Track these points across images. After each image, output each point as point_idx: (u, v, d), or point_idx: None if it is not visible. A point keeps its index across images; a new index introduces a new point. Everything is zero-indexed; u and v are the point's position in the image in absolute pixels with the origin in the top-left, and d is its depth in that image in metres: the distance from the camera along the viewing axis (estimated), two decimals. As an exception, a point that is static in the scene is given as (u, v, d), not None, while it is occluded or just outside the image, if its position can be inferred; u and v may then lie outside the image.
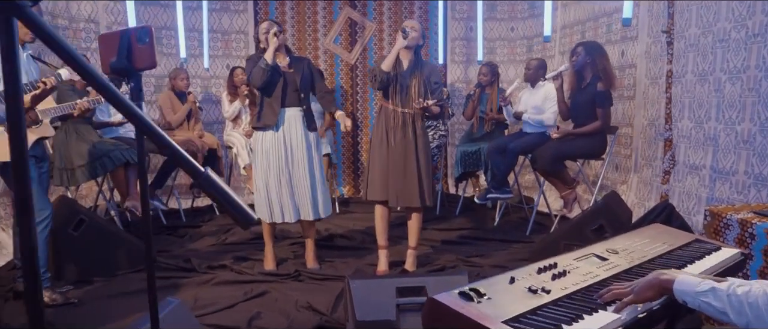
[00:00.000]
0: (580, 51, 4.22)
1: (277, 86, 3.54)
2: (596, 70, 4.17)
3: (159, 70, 5.72)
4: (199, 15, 5.98)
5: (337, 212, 5.56)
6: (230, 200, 0.98)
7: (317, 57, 6.29)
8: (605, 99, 4.12)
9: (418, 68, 3.52)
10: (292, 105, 3.58)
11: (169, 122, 5.17)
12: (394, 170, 3.50)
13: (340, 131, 6.37)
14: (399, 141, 3.50)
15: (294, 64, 3.62)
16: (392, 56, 3.45)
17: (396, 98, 3.51)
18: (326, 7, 6.26)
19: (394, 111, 3.52)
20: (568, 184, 4.36)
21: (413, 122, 3.53)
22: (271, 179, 3.54)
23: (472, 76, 6.48)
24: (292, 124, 3.57)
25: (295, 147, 3.57)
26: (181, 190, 5.68)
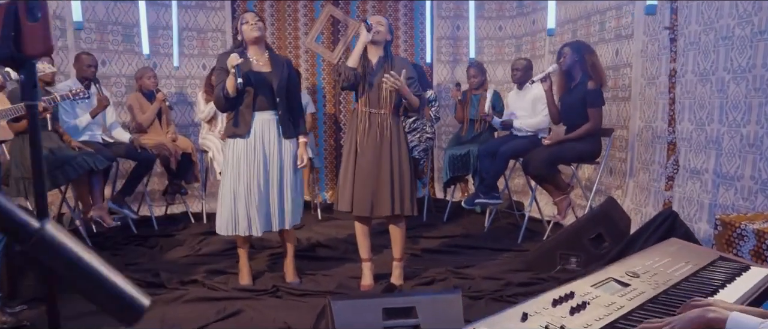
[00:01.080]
0: (566, 51, 4.05)
1: (248, 91, 3.25)
2: (585, 68, 3.99)
3: (130, 69, 5.43)
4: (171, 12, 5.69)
5: (319, 218, 5.31)
6: (100, 281, 0.60)
7: (298, 57, 6.03)
8: (596, 97, 3.93)
9: (388, 65, 3.27)
10: (264, 109, 3.29)
11: (139, 122, 4.88)
12: (365, 178, 3.23)
13: (322, 133, 6.12)
14: (370, 146, 3.23)
15: (273, 65, 3.33)
16: (357, 51, 3.19)
17: (365, 98, 3.26)
18: (307, 5, 6.01)
19: (363, 113, 3.26)
20: (562, 189, 4.15)
21: (386, 123, 3.26)
22: (241, 188, 3.26)
23: (459, 76, 6.26)
24: (265, 129, 3.29)
25: (268, 154, 3.29)
26: (154, 196, 5.38)
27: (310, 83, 6.05)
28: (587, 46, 4.06)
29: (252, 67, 3.28)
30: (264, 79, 3.28)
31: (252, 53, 3.31)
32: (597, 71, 3.93)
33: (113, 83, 5.41)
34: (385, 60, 3.27)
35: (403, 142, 3.31)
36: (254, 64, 3.30)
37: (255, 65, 3.30)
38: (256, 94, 3.26)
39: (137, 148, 4.42)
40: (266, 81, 3.28)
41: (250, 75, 3.24)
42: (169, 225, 4.97)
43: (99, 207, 3.85)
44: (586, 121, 3.98)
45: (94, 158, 3.81)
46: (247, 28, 3.26)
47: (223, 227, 3.31)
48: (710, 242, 3.31)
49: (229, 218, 3.29)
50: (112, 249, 4.17)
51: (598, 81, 3.93)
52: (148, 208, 4.98)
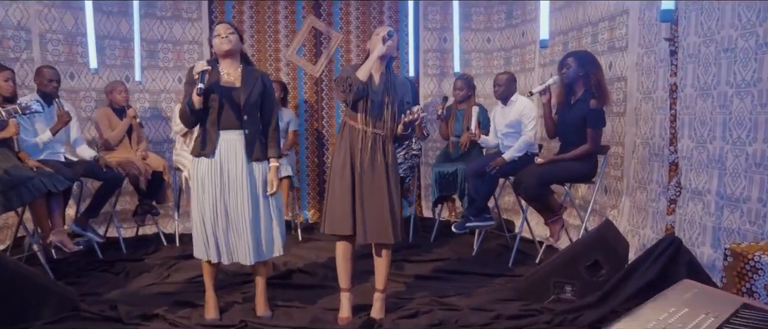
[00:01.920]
0: (570, 62, 3.79)
1: (212, 107, 2.98)
2: (589, 85, 3.74)
3: (100, 83, 5.15)
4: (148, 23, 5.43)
5: (299, 240, 5.03)
6: None
7: (279, 69, 5.78)
8: (598, 119, 3.69)
9: (391, 83, 3.04)
10: (229, 127, 3.01)
11: (107, 139, 4.60)
12: (363, 199, 3.00)
13: (304, 149, 5.87)
14: (367, 166, 2.99)
15: (244, 80, 3.05)
16: (369, 64, 2.94)
17: (366, 115, 3.02)
18: (288, 16, 5.77)
19: (363, 131, 3.02)
20: (555, 211, 3.91)
21: (384, 144, 3.04)
22: (207, 211, 3.00)
23: (446, 90, 6.03)
24: (230, 150, 3.01)
25: (233, 178, 3.01)
26: (123, 217, 5.09)
27: (291, 97, 5.80)
28: (593, 60, 3.79)
29: (220, 80, 3.02)
30: (230, 95, 3.01)
31: (224, 67, 3.04)
32: (601, 90, 3.68)
33: (82, 98, 5.13)
34: (388, 79, 3.04)
35: (396, 167, 3.09)
36: (224, 78, 3.04)
37: (224, 79, 3.04)
38: (221, 110, 2.99)
39: (102, 166, 4.14)
40: (233, 96, 3.01)
41: (216, 88, 2.97)
42: (138, 248, 4.67)
43: (59, 231, 3.56)
44: (582, 140, 3.75)
45: (53, 179, 3.52)
46: (217, 42, 2.99)
47: (197, 250, 3.08)
48: (716, 269, 3.08)
49: (201, 241, 3.04)
50: (74, 276, 3.88)
51: (602, 100, 3.68)
52: (117, 229, 4.68)
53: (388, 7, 5.90)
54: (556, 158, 3.77)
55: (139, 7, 5.35)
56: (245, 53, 3.16)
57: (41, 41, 4.84)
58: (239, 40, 3.05)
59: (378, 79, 3.05)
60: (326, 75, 5.85)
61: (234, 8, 5.67)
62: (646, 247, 3.80)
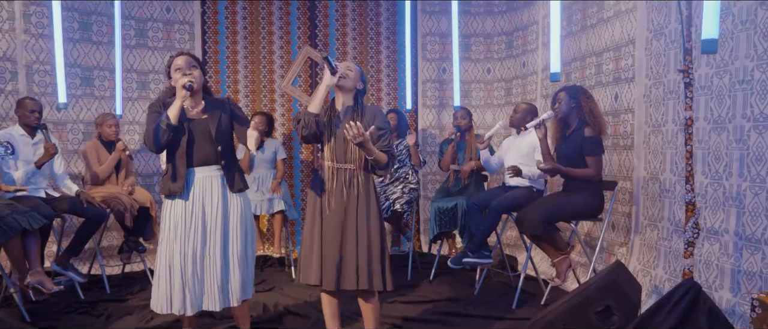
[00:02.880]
0: (562, 97, 3.68)
1: (181, 140, 2.79)
2: (582, 114, 3.61)
3: (89, 115, 4.98)
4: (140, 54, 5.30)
5: (292, 277, 4.81)
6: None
7: (273, 101, 5.63)
8: (595, 145, 3.54)
9: (357, 113, 2.85)
10: (204, 163, 2.83)
11: (95, 173, 4.41)
12: (330, 245, 2.80)
13: (299, 182, 5.68)
14: (337, 205, 2.80)
15: (209, 110, 2.87)
16: (319, 95, 2.76)
17: (330, 150, 2.84)
18: (284, 47, 5.64)
19: (328, 168, 2.84)
20: (561, 249, 3.70)
21: (355, 181, 2.83)
22: (176, 258, 2.78)
23: (445, 122, 5.88)
24: (205, 188, 2.83)
25: (208, 219, 2.82)
26: (109, 253, 4.87)
27: (286, 129, 5.63)
28: (584, 90, 3.70)
29: (186, 114, 2.82)
30: (199, 127, 2.83)
31: (187, 101, 2.83)
32: (595, 118, 3.56)
33: (69, 130, 4.96)
34: (354, 109, 2.87)
35: (374, 203, 2.87)
36: (189, 112, 2.84)
37: (190, 114, 2.84)
38: (191, 145, 2.82)
39: (83, 202, 3.94)
40: (203, 129, 2.83)
41: (182, 122, 2.78)
42: (123, 287, 4.44)
43: (36, 272, 3.34)
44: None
45: (29, 217, 3.32)
46: (177, 76, 2.80)
47: (156, 303, 2.83)
48: (736, 315, 2.87)
49: (164, 293, 2.80)
50: (52, 319, 3.65)
51: (596, 128, 3.56)
52: (101, 267, 4.46)
53: (385, 37, 5.77)
54: (560, 167, 3.59)
55: (129, 38, 5.23)
56: (207, 86, 2.99)
57: (27, 72, 4.69)
58: (201, 73, 2.87)
59: (343, 110, 2.88)
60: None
61: (227, 38, 5.54)
62: (658, 289, 3.59)
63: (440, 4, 5.86)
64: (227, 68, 5.54)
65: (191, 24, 5.48)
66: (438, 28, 5.87)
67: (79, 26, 4.99)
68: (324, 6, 5.65)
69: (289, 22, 5.62)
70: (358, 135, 2.64)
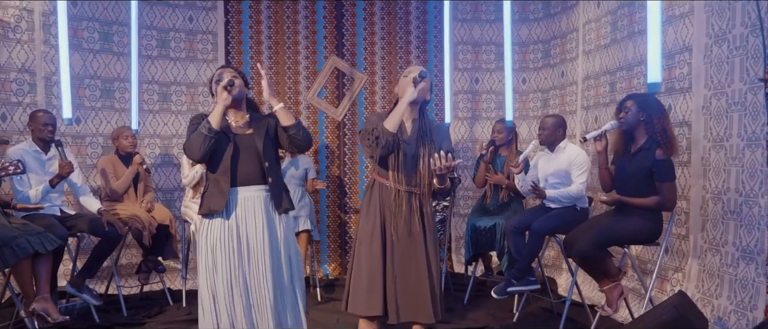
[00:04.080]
0: (630, 106, 3.30)
1: (225, 154, 2.59)
2: (652, 131, 3.23)
3: (108, 128, 4.81)
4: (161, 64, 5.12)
5: (318, 300, 4.55)
6: None
7: (299, 113, 5.40)
8: (669, 170, 3.17)
9: (426, 131, 2.60)
10: (249, 182, 2.61)
11: (114, 189, 4.21)
12: (397, 273, 2.55)
13: (324, 198, 5.43)
14: (403, 232, 2.55)
15: (254, 124, 2.69)
16: (399, 112, 2.53)
17: (398, 171, 2.58)
18: (309, 57, 5.41)
19: (395, 191, 2.58)
20: (613, 275, 3.38)
21: (421, 205, 2.59)
22: (220, 285, 2.54)
23: (478, 135, 5.60)
24: (248, 208, 2.60)
25: (253, 242, 2.59)
26: (127, 271, 4.67)
27: (312, 142, 5.38)
28: (658, 104, 3.31)
29: (230, 128, 2.64)
30: (245, 142, 2.62)
31: (230, 115, 2.68)
32: (669, 140, 3.17)
33: (89, 144, 4.79)
34: (421, 125, 2.60)
35: (435, 231, 2.65)
36: (233, 125, 2.66)
37: (234, 127, 2.66)
38: (235, 162, 2.59)
39: (105, 223, 3.73)
40: (249, 145, 2.62)
41: (226, 135, 2.59)
42: (141, 309, 4.22)
43: (43, 298, 3.12)
44: (645, 193, 3.23)
45: (42, 238, 3.11)
46: (221, 89, 2.59)
47: None
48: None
49: (210, 324, 2.56)
50: (64, 346, 3.45)
51: (669, 150, 3.19)
52: (117, 287, 4.24)
53: (415, 46, 5.52)
54: (624, 199, 3.25)
55: (151, 48, 5.06)
56: (252, 100, 2.82)
57: (46, 84, 4.53)
58: (245, 86, 2.69)
59: (410, 127, 2.63)
60: (349, 119, 5.45)
61: (251, 48, 5.34)
62: (722, 321, 3.25)
63: (472, 12, 5.59)
64: (251, 79, 5.31)
65: (214, 34, 5.29)
66: (470, 37, 5.61)
67: (100, 37, 4.83)
68: (351, 15, 5.43)
69: (314, 32, 5.40)
70: (444, 168, 2.40)
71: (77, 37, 4.69)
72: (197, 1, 5.22)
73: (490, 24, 5.60)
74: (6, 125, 4.28)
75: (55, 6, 4.49)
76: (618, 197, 3.27)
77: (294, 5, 5.35)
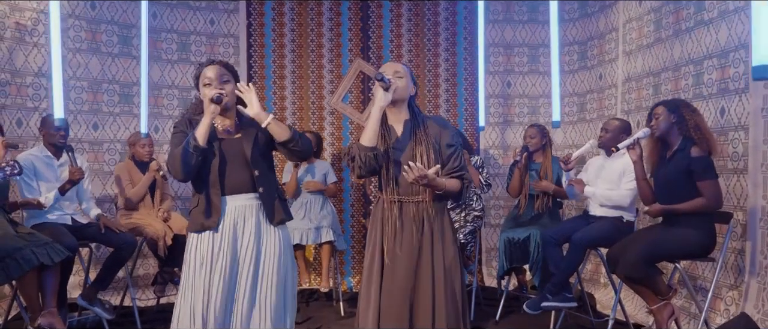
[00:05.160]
0: (660, 111, 3.07)
1: (212, 165, 2.34)
2: (686, 130, 2.99)
3: (126, 134, 4.66)
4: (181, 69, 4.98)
5: (342, 314, 4.32)
6: None
7: (322, 119, 5.19)
8: (707, 167, 2.90)
9: (419, 130, 2.34)
10: (239, 190, 2.38)
11: (129, 198, 4.05)
12: (397, 293, 2.32)
13: (348, 207, 5.20)
14: (404, 251, 2.31)
15: (243, 128, 2.43)
16: (373, 122, 2.27)
17: (392, 183, 2.34)
18: (334, 60, 5.21)
19: (391, 203, 2.34)
20: (662, 294, 3.07)
21: (426, 215, 2.33)
22: (198, 305, 2.30)
23: (510, 141, 5.32)
24: (238, 219, 2.37)
25: (241, 255, 2.36)
26: (143, 283, 4.50)
27: (336, 149, 5.18)
28: (686, 103, 3.11)
29: (216, 133, 2.38)
30: (232, 148, 2.37)
31: (219, 120, 2.42)
32: (703, 134, 2.94)
33: (106, 150, 4.65)
34: (413, 125, 2.36)
35: (450, 238, 2.39)
36: (219, 132, 2.40)
37: (220, 134, 2.40)
38: (223, 169, 2.35)
39: (101, 227, 3.56)
40: (236, 151, 2.37)
41: (211, 143, 2.33)
42: (157, 322, 4.04)
43: (49, 312, 2.95)
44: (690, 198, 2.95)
45: (49, 249, 2.94)
46: (206, 91, 2.35)
47: None
48: None
49: None
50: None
51: (706, 147, 2.93)
52: (132, 300, 4.07)
53: (444, 49, 5.27)
54: (666, 207, 2.96)
55: (171, 52, 4.93)
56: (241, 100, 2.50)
57: (63, 89, 4.40)
58: (235, 87, 2.40)
59: (401, 130, 2.38)
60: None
61: (274, 52, 5.16)
62: (788, 346, 2.92)
63: (504, 12, 5.34)
64: (274, 84, 5.15)
65: (236, 37, 5.13)
66: (502, 39, 5.35)
67: (119, 40, 4.70)
68: (377, 16, 5.21)
69: (339, 34, 5.20)
70: (421, 178, 2.16)
71: (96, 40, 4.58)
72: (219, 3, 5.07)
73: (523, 25, 5.35)
74: (21, 131, 4.16)
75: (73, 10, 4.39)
76: (660, 207, 3.00)
77: (318, 6, 5.16)
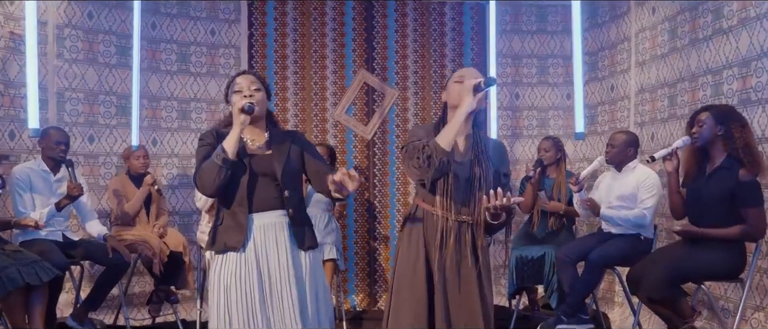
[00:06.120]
0: (705, 119, 2.85)
1: (241, 182, 2.21)
2: (733, 148, 2.78)
3: (123, 147, 4.51)
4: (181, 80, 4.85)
5: (345, 334, 4.15)
6: None
7: (325, 132, 5.04)
8: (755, 192, 2.70)
9: (482, 150, 2.20)
10: (267, 208, 2.24)
11: (123, 212, 3.90)
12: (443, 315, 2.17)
13: (352, 222, 5.03)
14: (451, 268, 2.16)
15: (274, 144, 2.31)
16: (455, 126, 2.12)
17: (448, 197, 2.19)
18: (337, 71, 5.07)
19: (444, 219, 2.18)
20: (686, 317, 2.90)
21: (474, 237, 2.19)
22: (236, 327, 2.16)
23: (519, 155, 5.17)
24: (269, 237, 2.22)
25: (275, 275, 2.20)
26: (138, 301, 4.33)
27: (339, 163, 5.02)
28: (737, 115, 2.87)
29: (246, 149, 2.26)
30: (262, 165, 2.24)
31: (247, 132, 2.28)
32: (753, 156, 2.73)
33: (102, 163, 4.50)
34: (474, 142, 2.21)
35: (489, 268, 2.23)
36: (249, 146, 2.28)
37: (250, 147, 2.28)
38: (252, 187, 2.21)
39: (109, 249, 3.41)
40: (266, 167, 2.24)
41: (241, 159, 2.20)
42: (152, 344, 3.88)
43: (36, 335, 2.80)
44: (726, 223, 2.76)
45: (37, 268, 2.79)
46: (237, 99, 2.22)
47: None
48: None
49: None
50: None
51: (755, 170, 2.72)
52: (125, 319, 3.90)
53: (450, 60, 5.13)
54: (701, 231, 2.78)
55: (170, 63, 4.80)
56: (272, 113, 2.44)
57: (59, 101, 4.28)
58: (266, 97, 2.30)
59: (463, 144, 2.23)
60: (379, 137, 5.07)
61: (276, 63, 5.03)
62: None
63: (512, 22, 5.21)
64: (276, 95, 5.00)
65: (237, 48, 5.00)
66: (510, 49, 5.21)
67: (116, 51, 4.57)
68: (382, 27, 5.08)
69: (343, 45, 5.07)
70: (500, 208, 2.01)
71: (93, 50, 4.45)
72: (220, 12, 4.95)
73: (531, 35, 5.21)
74: (14, 143, 4.02)
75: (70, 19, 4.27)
76: (694, 230, 2.80)
77: (321, 17, 5.03)
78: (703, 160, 2.88)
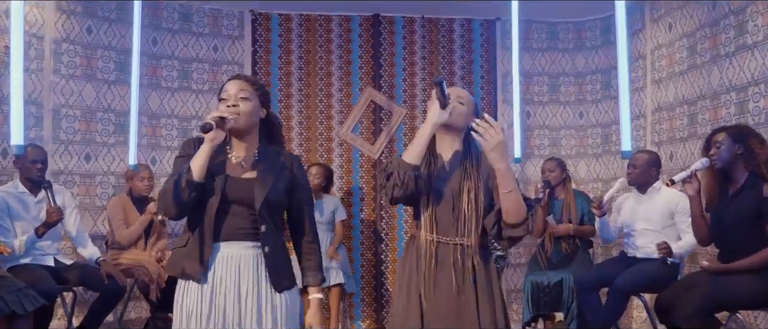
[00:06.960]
0: (721, 139, 2.74)
1: (208, 205, 1.89)
2: (755, 166, 2.66)
3: (121, 166, 4.35)
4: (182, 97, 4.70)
5: (351, 364, 3.94)
6: None
7: (331, 151, 4.88)
8: None
9: (470, 163, 2.02)
10: (237, 237, 1.93)
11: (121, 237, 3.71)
12: None
13: (359, 245, 4.85)
14: (441, 298, 1.98)
15: (263, 164, 1.98)
16: (420, 139, 1.97)
17: (430, 220, 2.02)
18: (343, 89, 4.92)
19: (428, 243, 2.01)
20: (720, 348, 2.71)
21: (470, 262, 2.00)
22: None
23: (530, 175, 5.01)
24: (231, 272, 1.92)
25: (230, 313, 1.90)
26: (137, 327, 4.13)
27: (345, 183, 4.86)
28: (754, 132, 2.78)
29: (226, 166, 1.95)
30: (240, 191, 1.92)
31: (234, 148, 1.98)
32: None
33: (98, 183, 4.33)
34: (465, 157, 2.04)
35: (499, 297, 2.03)
36: (231, 163, 1.96)
37: (232, 165, 1.96)
38: (224, 213, 1.91)
39: (103, 275, 3.22)
40: (244, 193, 1.92)
41: (216, 177, 1.89)
42: (148, 374, 3.67)
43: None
44: (755, 244, 2.60)
45: (21, 296, 2.61)
46: (221, 108, 1.90)
47: None
48: None
49: None
50: None
51: None
52: (122, 350, 3.71)
53: (460, 77, 5.00)
54: (731, 267, 2.61)
55: (171, 79, 4.66)
56: (275, 123, 2.11)
57: (54, 117, 4.12)
58: (259, 107, 1.97)
59: (449, 159, 2.07)
60: (386, 157, 4.91)
61: (280, 80, 4.88)
62: None
63: (523, 40, 5.05)
64: (280, 113, 4.84)
65: (240, 64, 4.86)
66: (520, 67, 5.06)
67: (115, 67, 4.43)
68: (389, 44, 4.95)
69: (349, 62, 4.93)
70: None
71: (91, 66, 4.31)
72: (223, 29, 4.82)
73: (541, 53, 5.09)
74: (6, 162, 3.85)
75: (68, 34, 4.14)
76: (724, 267, 2.64)
77: (327, 33, 4.91)
78: (724, 182, 2.76)
